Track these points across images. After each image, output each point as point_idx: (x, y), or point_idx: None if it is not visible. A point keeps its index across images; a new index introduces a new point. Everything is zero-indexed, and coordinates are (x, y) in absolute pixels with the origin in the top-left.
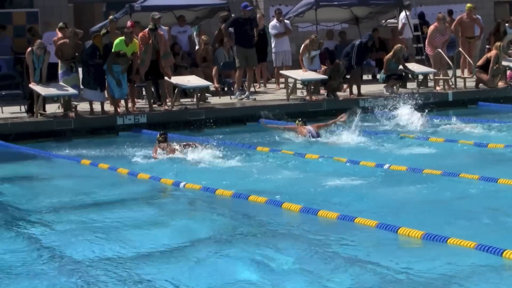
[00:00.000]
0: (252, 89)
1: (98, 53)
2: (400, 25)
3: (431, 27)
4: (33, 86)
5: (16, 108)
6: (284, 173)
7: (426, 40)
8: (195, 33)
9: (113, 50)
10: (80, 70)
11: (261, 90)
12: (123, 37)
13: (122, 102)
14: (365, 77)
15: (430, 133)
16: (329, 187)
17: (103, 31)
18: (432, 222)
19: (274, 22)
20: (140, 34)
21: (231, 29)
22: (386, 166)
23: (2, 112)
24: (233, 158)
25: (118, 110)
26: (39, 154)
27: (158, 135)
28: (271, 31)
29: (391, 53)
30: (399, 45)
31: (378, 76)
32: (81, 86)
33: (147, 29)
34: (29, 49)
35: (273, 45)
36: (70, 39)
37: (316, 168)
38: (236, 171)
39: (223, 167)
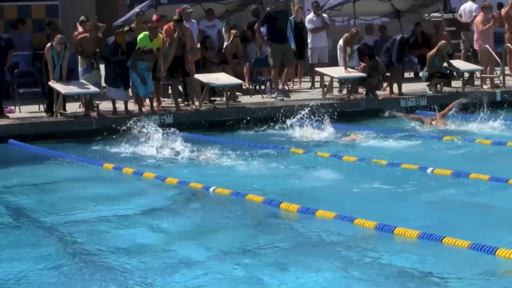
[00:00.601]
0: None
1: (121, 51)
2: (469, 18)
3: (478, 18)
4: (52, 84)
5: (35, 107)
6: (318, 176)
7: (475, 35)
8: (224, 28)
9: (137, 46)
10: (102, 67)
11: (296, 89)
12: (147, 32)
13: (147, 101)
14: (406, 74)
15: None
16: (364, 192)
17: (126, 28)
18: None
19: (310, 16)
20: (165, 27)
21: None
22: (429, 170)
23: (20, 112)
24: (263, 160)
25: (143, 109)
26: (59, 156)
27: None
28: (307, 25)
29: (434, 50)
30: (444, 41)
31: (420, 74)
32: (103, 84)
33: (171, 21)
34: (49, 44)
35: (309, 40)
36: (91, 33)
37: (352, 171)
38: (266, 174)
39: (253, 169)
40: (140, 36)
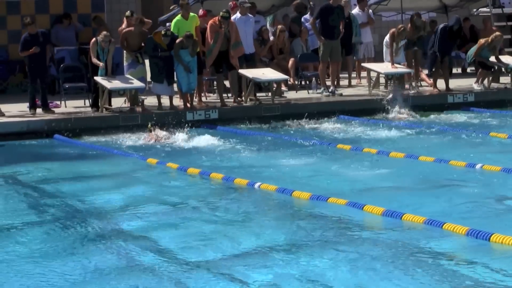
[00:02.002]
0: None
1: (160, 50)
2: None
3: None
4: (98, 79)
5: (80, 102)
6: (365, 172)
7: None
8: (268, 23)
9: (172, 29)
10: (147, 62)
11: (344, 85)
12: (179, 15)
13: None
14: (454, 70)
15: None
16: (412, 188)
17: (163, 31)
18: None
19: (356, 10)
20: (211, 22)
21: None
22: (478, 166)
23: (66, 106)
24: (310, 156)
25: (188, 104)
26: (105, 151)
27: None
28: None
29: (488, 39)
30: (499, 33)
31: (468, 70)
32: (149, 79)
33: (217, 16)
34: (93, 39)
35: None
36: (136, 27)
37: (399, 166)
38: (313, 171)
39: (300, 165)
40: (174, 20)
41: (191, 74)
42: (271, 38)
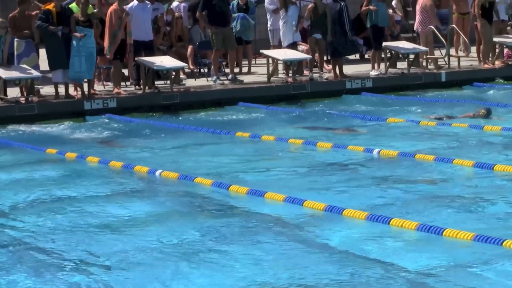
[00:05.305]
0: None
1: (52, 19)
2: None
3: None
4: None
5: None
6: (266, 160)
7: (418, 16)
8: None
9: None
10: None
11: (244, 72)
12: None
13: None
14: (351, 56)
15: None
16: (310, 174)
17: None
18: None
19: None
20: (113, 7)
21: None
22: (375, 152)
23: None
24: (210, 144)
25: (85, 93)
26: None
27: None
28: (268, 6)
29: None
30: None
31: (366, 56)
32: (46, 68)
33: (116, 2)
34: None
35: (269, 22)
36: (21, 8)
37: (299, 153)
38: (214, 158)
39: (200, 154)
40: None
41: (86, 62)
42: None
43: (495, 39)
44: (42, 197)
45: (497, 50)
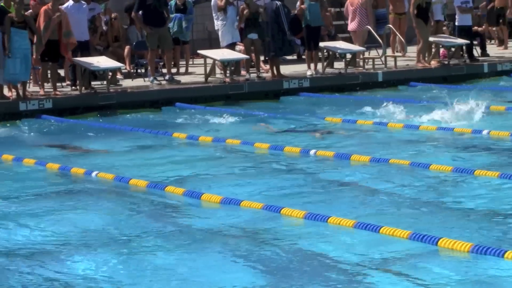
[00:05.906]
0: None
1: None
2: None
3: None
4: None
5: None
6: (203, 161)
7: (350, 15)
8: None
9: None
10: None
11: (182, 73)
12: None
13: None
14: (289, 56)
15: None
16: (246, 175)
17: None
18: None
19: None
20: (44, 8)
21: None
22: (312, 152)
23: None
24: (148, 145)
25: (20, 94)
26: None
27: None
28: (215, 4)
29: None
30: None
31: (304, 56)
32: None
33: (50, 2)
34: None
35: (219, 21)
36: None
37: (236, 153)
38: (151, 160)
39: (137, 155)
40: None
41: (21, 64)
42: (104, 27)
43: (431, 39)
44: None
45: (433, 50)
